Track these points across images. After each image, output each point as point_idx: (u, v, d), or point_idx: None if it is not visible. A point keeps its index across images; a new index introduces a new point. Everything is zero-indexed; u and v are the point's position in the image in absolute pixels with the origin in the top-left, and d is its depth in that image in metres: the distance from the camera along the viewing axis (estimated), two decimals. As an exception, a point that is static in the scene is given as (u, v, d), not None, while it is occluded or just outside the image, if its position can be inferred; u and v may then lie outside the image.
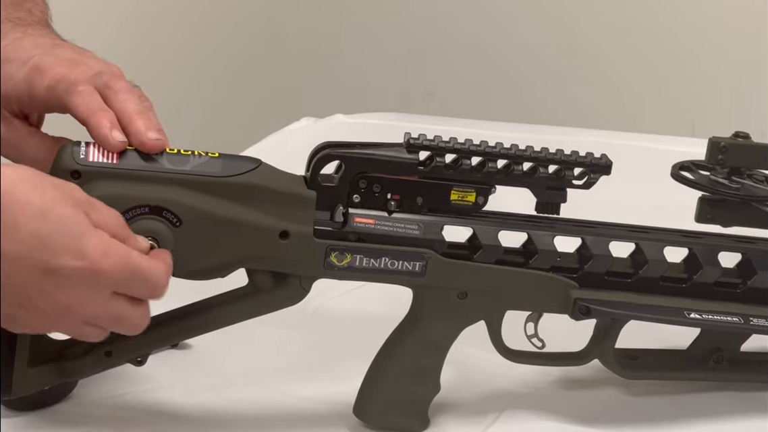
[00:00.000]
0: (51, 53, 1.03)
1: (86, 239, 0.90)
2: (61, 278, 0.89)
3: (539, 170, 1.03)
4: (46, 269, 0.89)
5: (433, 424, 1.09)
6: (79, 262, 0.89)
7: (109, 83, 1.01)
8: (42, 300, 0.90)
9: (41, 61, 1.02)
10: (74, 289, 0.90)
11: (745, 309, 1.09)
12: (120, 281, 0.91)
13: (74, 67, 1.02)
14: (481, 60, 2.70)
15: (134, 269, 0.92)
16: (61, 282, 0.89)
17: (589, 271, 1.07)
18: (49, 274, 0.89)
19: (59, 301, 0.90)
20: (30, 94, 1.02)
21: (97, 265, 0.90)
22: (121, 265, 0.91)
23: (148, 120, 0.99)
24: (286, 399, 1.13)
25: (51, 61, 1.02)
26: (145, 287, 0.93)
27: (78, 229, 0.90)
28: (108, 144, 0.97)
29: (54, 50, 1.04)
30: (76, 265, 0.89)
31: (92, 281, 0.90)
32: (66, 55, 1.03)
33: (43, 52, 1.03)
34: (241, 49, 2.77)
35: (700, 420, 1.12)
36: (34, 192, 0.90)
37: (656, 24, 2.53)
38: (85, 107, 0.99)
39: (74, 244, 0.89)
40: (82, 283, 0.90)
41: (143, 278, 0.93)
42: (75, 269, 0.89)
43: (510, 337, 1.08)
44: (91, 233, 0.90)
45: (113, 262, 0.91)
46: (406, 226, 1.03)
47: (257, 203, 0.99)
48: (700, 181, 1.12)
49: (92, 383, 1.10)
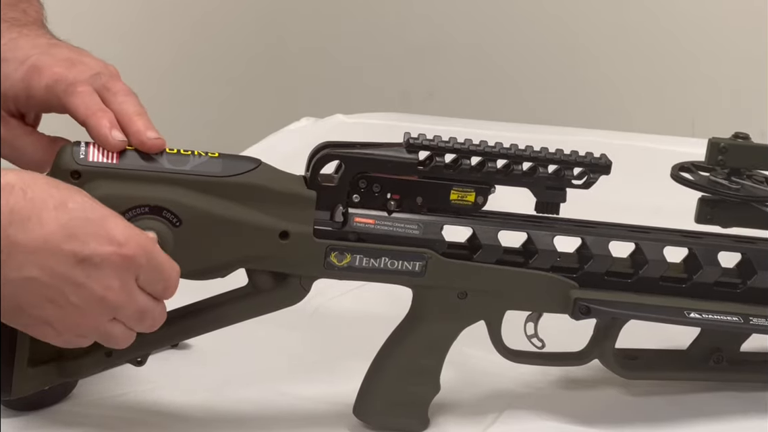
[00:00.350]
0: (48, 53, 1.03)
1: (110, 224, 0.91)
2: (92, 267, 0.90)
3: (539, 170, 1.03)
4: (76, 259, 0.90)
5: (433, 424, 1.09)
6: (108, 247, 0.90)
7: (108, 84, 1.01)
8: (76, 293, 0.90)
9: (39, 61, 1.02)
10: (105, 277, 0.91)
11: (745, 309, 1.09)
12: (143, 268, 0.92)
13: (72, 67, 1.02)
14: (481, 60, 2.70)
15: (153, 256, 0.93)
16: (93, 271, 0.90)
17: (589, 271, 1.07)
18: (81, 264, 0.90)
19: (93, 292, 0.91)
20: (28, 94, 1.02)
21: (124, 249, 0.91)
22: (144, 249, 0.92)
23: (147, 120, 0.99)
24: (286, 399, 1.13)
25: (48, 61, 1.02)
26: (162, 280, 0.94)
27: (99, 215, 0.91)
28: (108, 144, 0.97)
29: (51, 50, 1.04)
30: (105, 250, 0.90)
31: (121, 267, 0.91)
32: (63, 55, 1.03)
33: (41, 52, 1.03)
34: (241, 50, 2.77)
35: (700, 420, 1.12)
36: (49, 187, 0.91)
37: (656, 24, 2.53)
38: (84, 108, 0.99)
39: (100, 229, 0.91)
40: (113, 269, 0.91)
41: (161, 270, 0.94)
42: (105, 255, 0.90)
43: (510, 337, 1.08)
44: (113, 218, 0.92)
45: (137, 246, 0.92)
46: (406, 226, 1.03)
47: (257, 203, 0.99)
48: (700, 181, 1.12)
49: (92, 383, 1.10)
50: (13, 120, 1.04)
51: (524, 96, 2.64)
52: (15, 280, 0.89)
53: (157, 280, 0.94)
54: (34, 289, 0.90)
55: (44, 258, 0.89)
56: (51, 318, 0.92)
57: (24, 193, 0.89)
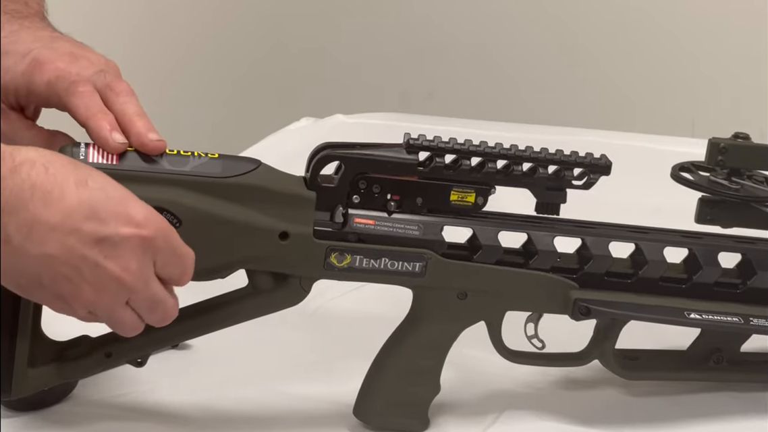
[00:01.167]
0: (50, 47, 1.03)
1: (130, 204, 0.91)
2: (111, 247, 0.90)
3: (539, 171, 1.03)
4: (95, 239, 0.89)
5: (433, 425, 1.09)
6: (128, 228, 0.90)
7: (111, 84, 1.01)
8: (93, 272, 0.90)
9: (40, 55, 1.02)
10: (123, 257, 0.91)
11: (745, 309, 1.09)
12: (161, 251, 0.92)
13: (74, 62, 1.02)
14: (481, 60, 2.70)
15: (171, 239, 0.93)
16: (111, 251, 0.90)
17: (589, 272, 1.07)
18: (100, 244, 0.90)
19: (110, 272, 0.91)
20: (29, 89, 1.02)
21: (143, 231, 0.91)
22: (163, 231, 0.92)
23: (148, 121, 0.99)
24: (286, 399, 1.13)
25: (50, 56, 1.02)
26: (179, 265, 0.94)
27: (120, 195, 0.91)
28: (108, 146, 0.97)
29: (53, 43, 1.04)
30: (125, 232, 0.90)
31: (140, 248, 0.91)
32: (66, 49, 1.03)
33: (42, 46, 1.03)
34: (241, 50, 2.77)
35: (700, 420, 1.12)
36: (71, 165, 0.91)
37: (656, 24, 2.53)
38: (85, 109, 0.99)
39: (120, 209, 0.91)
40: (131, 250, 0.91)
41: (178, 254, 0.94)
42: (124, 235, 0.90)
43: (510, 338, 1.08)
44: (132, 198, 0.92)
45: (156, 228, 0.92)
46: (406, 227, 1.03)
47: (257, 204, 0.99)
48: (700, 181, 1.12)
49: (92, 383, 1.10)
50: (13, 113, 1.04)
51: (524, 96, 2.64)
52: (35, 256, 0.89)
53: (175, 264, 0.94)
54: (51, 266, 0.89)
55: (64, 236, 0.89)
56: (66, 294, 0.92)
57: (46, 169, 0.89)
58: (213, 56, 2.73)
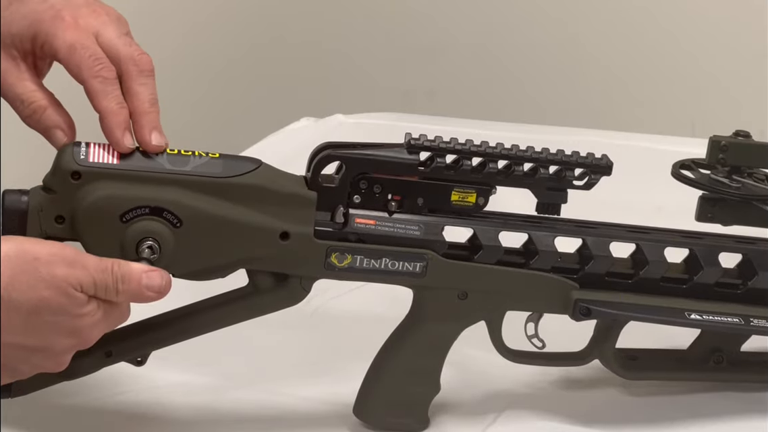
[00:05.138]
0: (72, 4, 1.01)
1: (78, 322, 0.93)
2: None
3: (540, 171, 1.03)
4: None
5: (433, 424, 1.09)
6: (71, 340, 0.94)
7: (137, 59, 1.00)
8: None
9: (58, 3, 1.00)
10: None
11: (746, 310, 1.09)
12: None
13: (93, 15, 1.00)
14: (483, 60, 2.70)
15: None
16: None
17: (589, 272, 1.07)
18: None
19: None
20: (52, 44, 0.99)
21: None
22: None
23: (155, 117, 0.99)
24: (286, 399, 1.13)
25: (69, 8, 1.00)
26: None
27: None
28: (119, 147, 0.97)
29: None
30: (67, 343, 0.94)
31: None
32: (80, 1, 1.01)
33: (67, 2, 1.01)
34: (241, 49, 2.77)
35: (700, 420, 1.12)
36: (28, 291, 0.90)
37: (656, 24, 2.52)
38: (103, 98, 0.98)
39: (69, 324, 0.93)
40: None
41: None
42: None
43: (510, 338, 1.08)
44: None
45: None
46: (407, 227, 1.03)
47: (258, 204, 0.99)
48: (701, 179, 1.12)
49: (92, 383, 1.10)
50: (23, 64, 1.01)
51: (525, 96, 2.64)
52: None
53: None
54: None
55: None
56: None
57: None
58: (213, 56, 2.73)
